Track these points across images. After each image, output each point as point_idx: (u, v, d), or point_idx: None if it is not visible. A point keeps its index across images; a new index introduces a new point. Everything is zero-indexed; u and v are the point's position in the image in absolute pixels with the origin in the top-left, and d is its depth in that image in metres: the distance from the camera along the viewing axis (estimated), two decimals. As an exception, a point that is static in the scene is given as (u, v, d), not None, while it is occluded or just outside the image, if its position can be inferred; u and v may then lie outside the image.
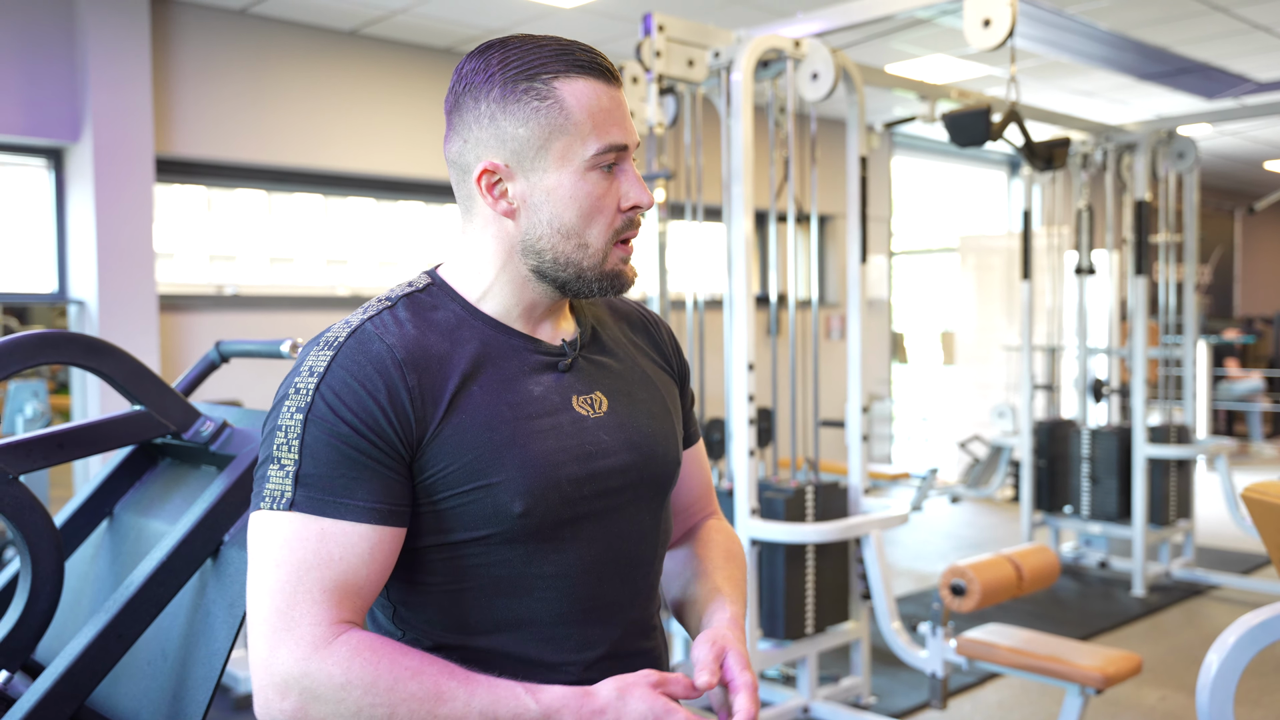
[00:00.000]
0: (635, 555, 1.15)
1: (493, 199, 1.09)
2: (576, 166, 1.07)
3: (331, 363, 1.03)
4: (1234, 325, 11.48)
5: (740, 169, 3.45)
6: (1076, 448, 5.61)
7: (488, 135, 1.07)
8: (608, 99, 1.08)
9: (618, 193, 1.10)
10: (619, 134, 1.08)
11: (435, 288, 1.13)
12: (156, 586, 1.40)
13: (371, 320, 1.07)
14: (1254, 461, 9.54)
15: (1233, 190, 12.67)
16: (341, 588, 0.99)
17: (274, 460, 1.01)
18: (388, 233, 6.26)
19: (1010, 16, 3.11)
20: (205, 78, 5.11)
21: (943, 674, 3.20)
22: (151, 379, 1.59)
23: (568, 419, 1.10)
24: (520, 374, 1.10)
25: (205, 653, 1.39)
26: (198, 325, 5.15)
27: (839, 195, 7.11)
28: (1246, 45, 6.27)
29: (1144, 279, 5.29)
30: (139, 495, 1.73)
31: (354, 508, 1.00)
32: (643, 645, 1.16)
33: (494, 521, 1.05)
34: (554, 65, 1.06)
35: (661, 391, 1.23)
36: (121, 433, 1.59)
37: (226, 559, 1.45)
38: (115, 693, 1.52)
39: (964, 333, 8.59)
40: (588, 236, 1.09)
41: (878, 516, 3.57)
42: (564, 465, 1.08)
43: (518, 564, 1.07)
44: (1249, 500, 2.08)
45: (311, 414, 1.01)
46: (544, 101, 1.06)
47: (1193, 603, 5.17)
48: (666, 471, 1.19)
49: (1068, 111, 7.05)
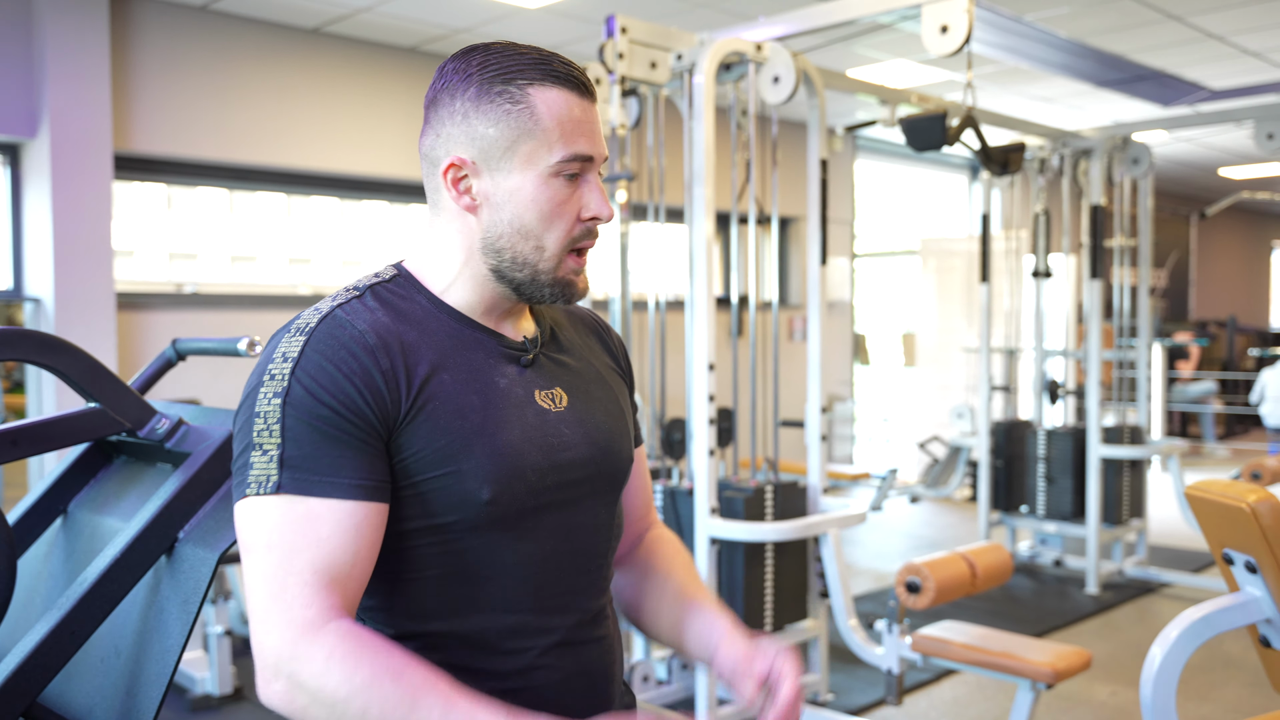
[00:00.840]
0: (591, 547, 1.18)
1: (457, 193, 1.12)
2: (540, 171, 1.10)
3: (305, 347, 1.06)
4: (1188, 329, 11.68)
5: (702, 171, 3.48)
6: (1033, 448, 5.69)
7: (459, 132, 1.11)
8: (579, 110, 1.11)
9: (579, 202, 1.13)
10: (585, 145, 1.12)
11: (402, 279, 1.17)
12: (110, 584, 1.40)
13: (342, 307, 1.11)
14: (1207, 462, 9.72)
15: (1188, 196, 12.89)
16: (331, 570, 1.01)
17: (255, 447, 1.03)
18: (351, 232, 6.23)
19: (967, 23, 3.16)
20: (166, 74, 5.07)
21: (898, 670, 3.24)
22: (107, 376, 1.58)
23: (531, 412, 1.14)
24: (486, 365, 1.13)
25: (158, 650, 1.39)
26: (156, 324, 5.10)
27: (800, 197, 7.17)
28: (1201, 54, 6.39)
29: (1099, 282, 5.38)
30: (94, 493, 1.73)
31: (339, 485, 1.02)
32: (595, 634, 1.19)
33: (461, 508, 1.07)
34: (531, 73, 1.10)
35: (615, 391, 1.27)
36: (77, 430, 1.58)
37: (181, 556, 1.45)
38: (68, 690, 1.52)
39: (925, 334, 8.68)
40: (545, 239, 1.12)
41: (836, 516, 3.61)
42: (529, 455, 1.11)
43: (481, 551, 1.10)
44: (1191, 498, 2.14)
45: (289, 398, 1.03)
46: (516, 105, 1.09)
47: (1145, 600, 5.26)
48: (621, 467, 1.22)
49: (1026, 117, 7.15)
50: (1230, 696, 3.89)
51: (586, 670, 1.17)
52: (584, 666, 1.17)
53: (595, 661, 1.19)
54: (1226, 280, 14.44)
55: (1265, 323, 15.49)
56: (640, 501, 1.37)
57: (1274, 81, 7.13)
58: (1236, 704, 3.82)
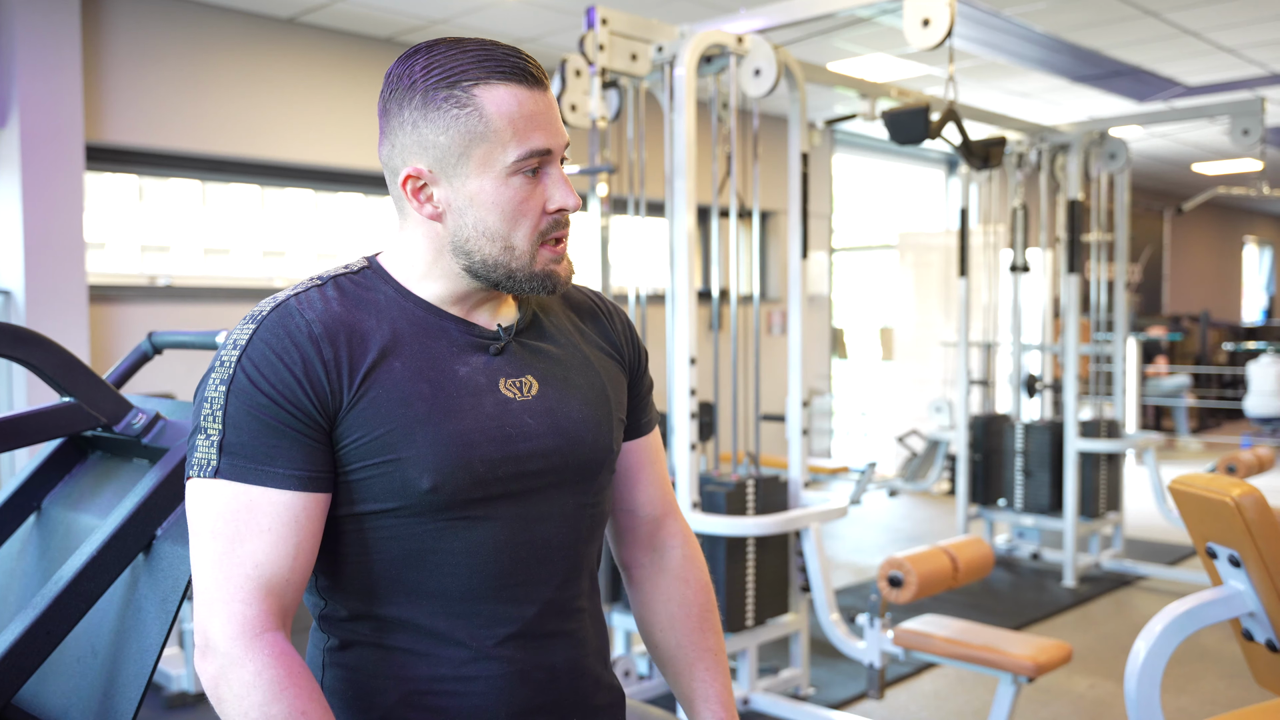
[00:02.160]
0: (554, 537, 1.16)
1: (419, 203, 1.11)
2: (498, 173, 1.09)
3: (253, 335, 1.07)
4: (1162, 323, 11.78)
5: (683, 164, 3.46)
6: (1010, 442, 5.72)
7: (411, 142, 1.09)
8: (530, 104, 1.09)
9: (543, 196, 1.11)
10: (541, 139, 1.09)
11: (370, 271, 1.16)
12: (86, 582, 1.37)
13: (297, 296, 1.10)
14: (1181, 455, 9.80)
15: (1162, 191, 12.99)
16: (273, 563, 1.03)
17: (201, 430, 1.05)
18: (326, 224, 6.17)
19: (949, 17, 3.16)
20: (138, 63, 5.00)
21: (880, 664, 3.24)
22: (82, 370, 1.55)
23: (491, 400, 1.12)
24: (447, 354, 1.12)
25: (136, 649, 1.37)
26: (129, 316, 5.04)
27: (780, 191, 7.17)
28: (1177, 49, 6.43)
29: (1076, 277, 5.40)
30: (68, 489, 1.69)
31: (277, 475, 1.04)
32: (562, 626, 1.17)
33: (401, 495, 1.07)
34: (475, 72, 1.07)
35: (603, 379, 1.24)
36: (51, 425, 1.55)
37: (159, 554, 1.42)
38: (43, 691, 1.49)
39: (902, 328, 8.70)
40: (513, 240, 1.11)
41: (817, 509, 3.61)
42: (478, 445, 1.09)
43: (427, 539, 1.09)
44: (1175, 492, 2.14)
45: (233, 386, 1.04)
46: (463, 109, 1.07)
47: (1121, 593, 5.30)
48: (594, 458, 1.19)
49: (1003, 111, 7.18)
50: (1207, 689, 3.92)
51: (548, 664, 1.15)
52: (546, 660, 1.15)
53: (560, 655, 1.17)
54: (1199, 275, 14.57)
55: (1237, 317, 15.66)
56: (651, 493, 1.33)
57: (1248, 78, 7.18)
58: (1213, 696, 3.85)
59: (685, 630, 1.32)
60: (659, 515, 1.35)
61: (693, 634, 1.32)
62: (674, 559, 1.34)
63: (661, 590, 1.33)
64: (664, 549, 1.35)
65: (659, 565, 1.34)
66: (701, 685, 1.30)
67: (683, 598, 1.33)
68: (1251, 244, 16.40)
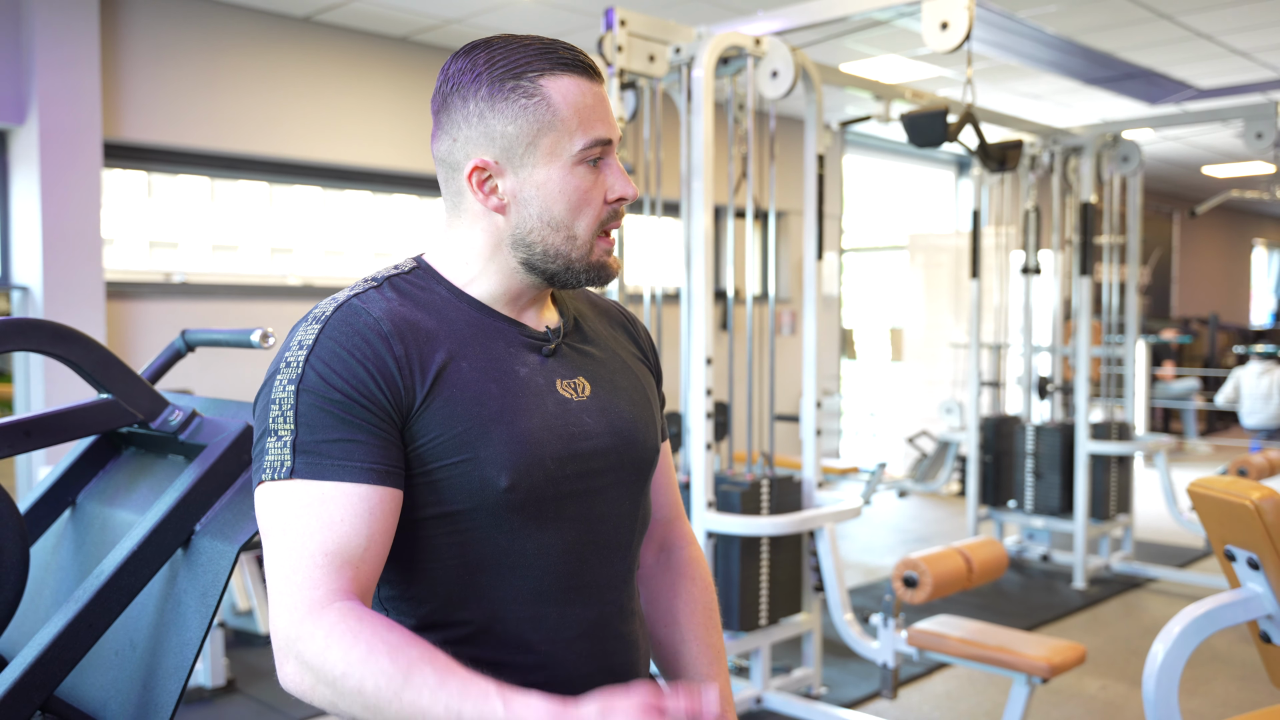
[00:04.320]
0: (614, 538, 1.17)
1: (484, 195, 1.12)
2: (564, 161, 1.10)
3: (320, 335, 1.06)
4: (1171, 325, 11.77)
5: (700, 165, 3.48)
6: (1021, 443, 5.72)
7: (477, 133, 1.10)
8: (591, 95, 1.11)
9: (604, 185, 1.13)
10: (603, 129, 1.12)
11: (422, 270, 1.16)
12: (127, 576, 1.39)
13: (358, 296, 1.11)
14: (1189, 458, 9.80)
15: (1171, 194, 12.97)
16: (342, 552, 1.00)
17: (271, 433, 1.04)
18: (335, 222, 6.19)
19: (968, 20, 3.17)
20: (156, 61, 5.03)
21: (894, 664, 3.26)
22: (119, 367, 1.57)
23: (552, 400, 1.13)
24: (506, 355, 1.13)
25: (177, 643, 1.39)
26: (145, 313, 5.06)
27: (793, 191, 7.19)
28: (1189, 52, 6.43)
29: (1088, 279, 5.41)
30: (103, 484, 1.71)
31: (351, 468, 1.02)
32: (621, 629, 1.18)
33: (479, 495, 1.07)
34: (539, 63, 1.09)
35: (641, 381, 1.26)
36: (89, 421, 1.57)
37: (198, 549, 1.44)
38: (81, 683, 1.51)
39: (912, 329, 8.71)
40: (576, 229, 1.12)
41: (831, 510, 3.63)
42: (548, 444, 1.10)
43: (501, 540, 1.09)
44: (1194, 494, 2.16)
45: (303, 385, 1.04)
46: (531, 99, 1.08)
47: (1131, 595, 5.30)
48: (646, 457, 1.21)
49: (1015, 113, 7.18)
50: (1219, 691, 3.93)
51: (610, 666, 1.16)
52: (608, 662, 1.16)
53: (619, 657, 1.18)
54: (1208, 278, 14.55)
55: (1245, 320, 15.63)
56: (665, 497, 1.36)
57: (1260, 81, 7.18)
58: (1225, 698, 3.86)
59: (690, 626, 1.33)
60: (669, 518, 1.37)
61: (697, 630, 1.33)
62: (681, 558, 1.37)
63: (668, 587, 1.35)
64: (672, 549, 1.37)
65: (667, 564, 1.36)
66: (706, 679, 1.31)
67: (689, 594, 1.34)
68: (1260, 247, 16.36)
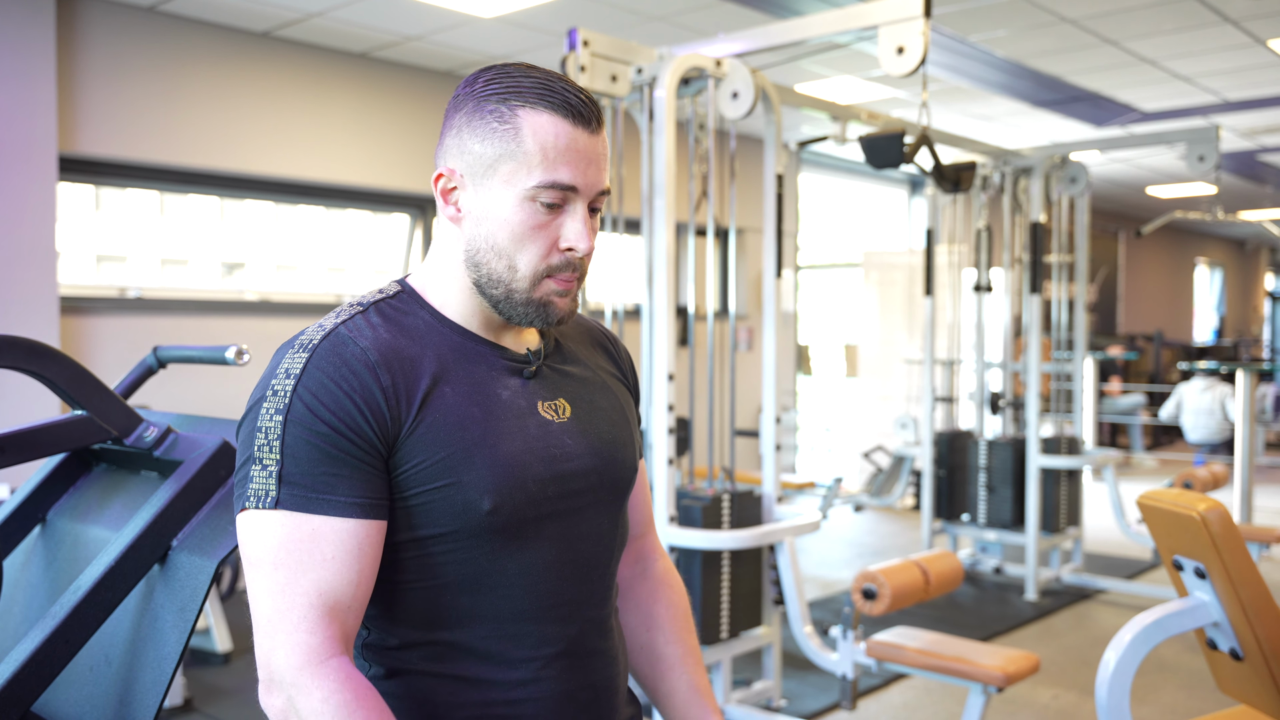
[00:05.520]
0: (594, 556, 1.20)
1: (445, 202, 1.16)
2: (517, 193, 1.11)
3: (307, 364, 1.07)
4: (1118, 342, 12.02)
5: (663, 183, 3.53)
6: (974, 458, 5.83)
7: (453, 144, 1.14)
8: (569, 139, 1.11)
9: (557, 230, 1.13)
10: (568, 174, 1.11)
11: (405, 295, 1.19)
12: (104, 591, 1.39)
13: (345, 324, 1.12)
14: (1136, 472, 10.01)
15: (1116, 213, 13.28)
16: (335, 593, 1.04)
17: (255, 460, 1.05)
18: (287, 237, 6.17)
19: (923, 45, 3.26)
20: (112, 75, 4.99)
21: (853, 676, 3.31)
22: (94, 383, 1.58)
23: (534, 423, 1.16)
24: (488, 378, 1.15)
25: (154, 658, 1.39)
26: (100, 329, 5.01)
27: (750, 210, 7.27)
28: (1134, 77, 6.61)
29: (1038, 297, 5.53)
30: (74, 501, 1.71)
31: (339, 504, 1.04)
32: (600, 645, 1.21)
33: (462, 518, 1.09)
34: (528, 95, 1.11)
35: (620, 401, 1.30)
36: (63, 437, 1.57)
37: (175, 564, 1.45)
38: (54, 699, 1.51)
39: (866, 346, 8.82)
40: (516, 260, 1.13)
41: (791, 524, 3.68)
42: (530, 466, 1.13)
43: (482, 561, 1.11)
44: (1144, 506, 2.23)
45: (290, 415, 1.05)
46: (503, 124, 1.11)
47: (1081, 606, 5.41)
48: (625, 476, 1.25)
49: (966, 134, 7.33)
50: (1167, 699, 4.03)
51: (591, 683, 1.19)
52: (589, 679, 1.19)
53: (599, 673, 1.20)
54: (1152, 296, 14.89)
55: (1189, 337, 16.00)
56: (642, 512, 1.40)
57: (1201, 104, 7.40)
58: (1173, 706, 3.95)
59: (670, 630, 1.38)
60: (643, 532, 1.42)
61: (678, 633, 1.38)
62: (657, 569, 1.42)
63: (647, 594, 1.40)
64: (647, 560, 1.42)
65: (644, 573, 1.41)
66: (690, 677, 1.36)
67: (668, 600, 1.40)
68: (1203, 265, 16.78)
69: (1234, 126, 8.18)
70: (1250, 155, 9.54)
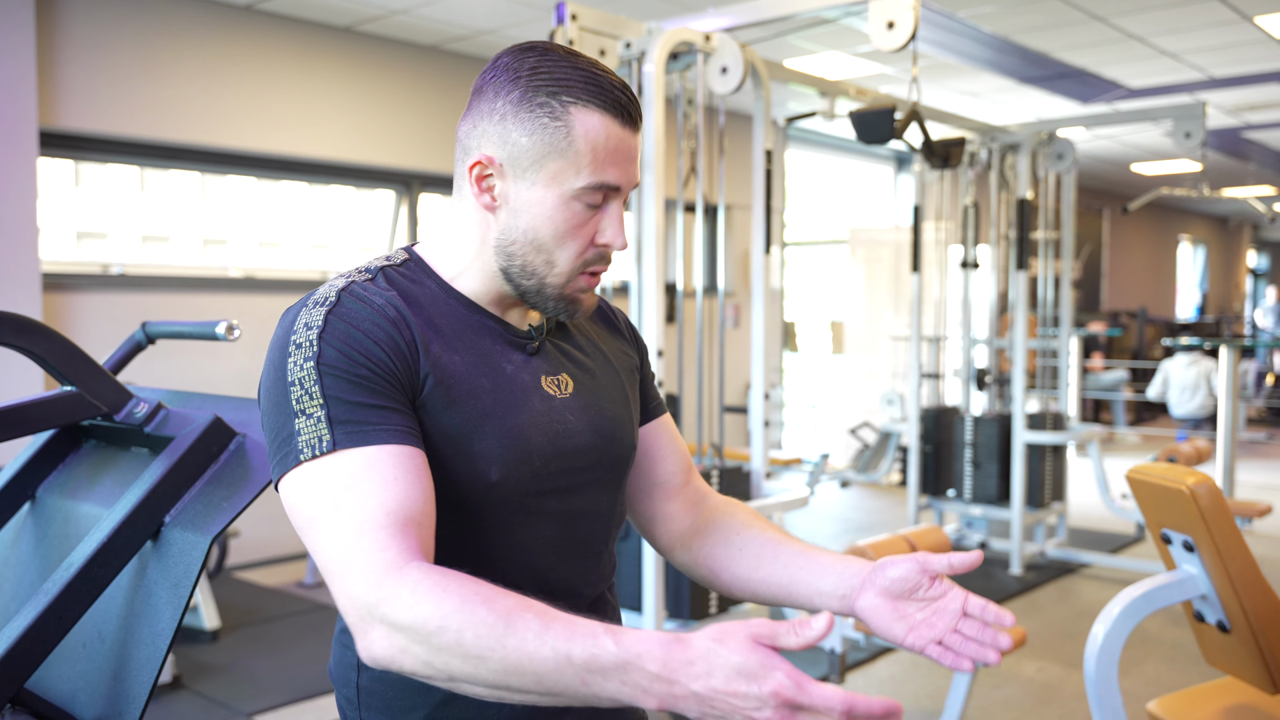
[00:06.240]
0: (591, 533, 1.20)
1: (479, 189, 1.12)
2: (563, 191, 1.10)
3: (329, 316, 1.06)
4: (1101, 319, 12.09)
5: (651, 159, 3.51)
6: (960, 434, 5.85)
7: (494, 130, 1.10)
8: (617, 139, 1.10)
9: (596, 227, 1.13)
10: (615, 175, 1.11)
11: (412, 263, 1.17)
12: (98, 567, 1.38)
13: (356, 284, 1.11)
14: (1119, 447, 10.08)
15: (1101, 190, 13.31)
16: (403, 510, 0.99)
17: (298, 414, 1.02)
18: (270, 213, 6.12)
19: (913, 20, 3.24)
20: (93, 49, 4.93)
21: (841, 650, 3.33)
22: (84, 359, 1.56)
23: (538, 398, 1.15)
24: (493, 351, 1.14)
25: (149, 634, 1.39)
26: (83, 305, 4.97)
27: (737, 186, 7.25)
28: (1121, 53, 6.61)
29: (1025, 274, 5.55)
30: (64, 477, 1.70)
31: (393, 431, 1.02)
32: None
33: (467, 487, 1.08)
34: (579, 91, 1.08)
35: (622, 378, 1.28)
36: (52, 414, 1.56)
37: (168, 540, 1.44)
38: (46, 676, 1.50)
39: (853, 322, 8.84)
40: (556, 256, 1.12)
41: (781, 499, 3.69)
42: (535, 441, 1.12)
43: (483, 532, 1.11)
44: (1133, 481, 2.24)
45: (323, 361, 1.03)
46: (554, 121, 1.08)
47: (1065, 580, 5.46)
48: (624, 455, 1.24)
49: (953, 110, 7.33)
50: (1150, 671, 4.07)
51: None
52: None
53: None
54: (1136, 273, 14.96)
55: (1172, 313, 16.10)
56: (678, 462, 1.35)
57: (1188, 81, 7.41)
58: (1156, 678, 4.00)
59: (768, 526, 1.28)
60: (687, 480, 1.36)
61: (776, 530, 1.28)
62: (716, 500, 1.36)
63: (723, 515, 1.32)
64: (703, 499, 1.36)
65: (708, 507, 1.34)
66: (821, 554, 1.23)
67: (745, 510, 1.32)
68: (1186, 242, 16.86)
69: (1219, 104, 8.20)
70: (1235, 132, 9.57)
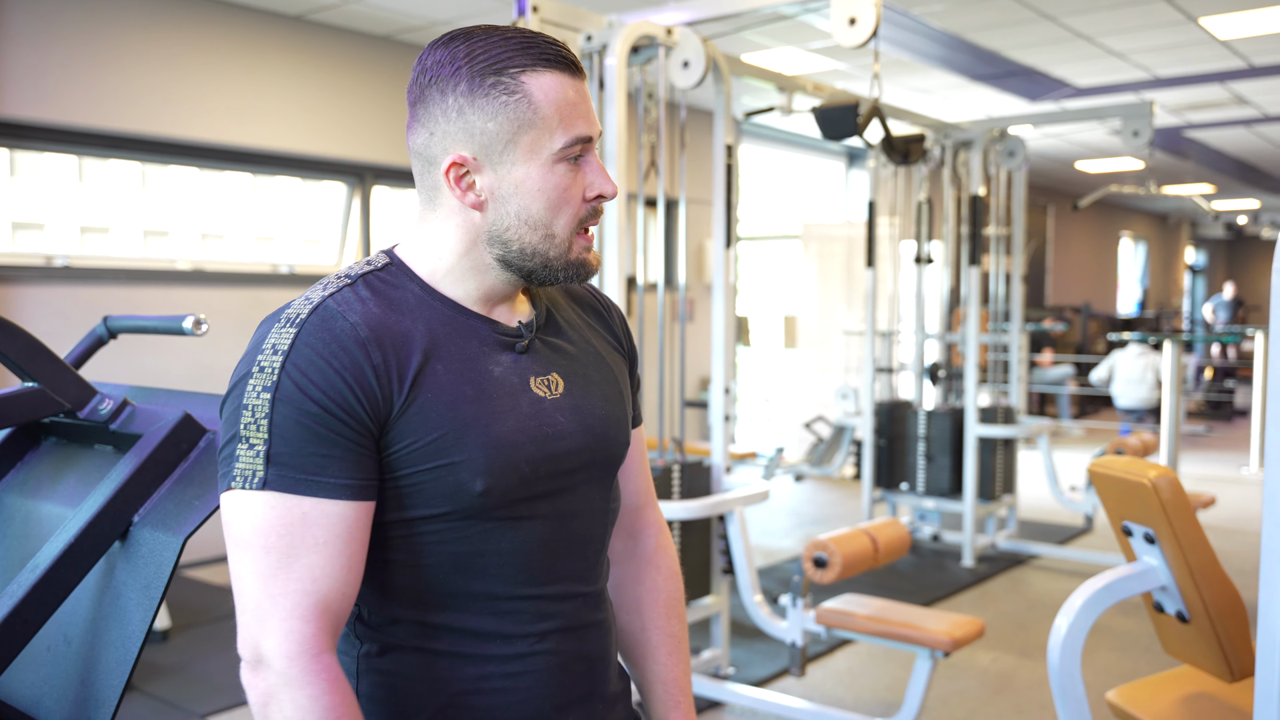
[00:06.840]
0: (587, 532, 1.19)
1: (460, 191, 1.10)
2: (544, 159, 1.09)
3: (295, 340, 1.03)
4: (1047, 314, 12.29)
5: (613, 153, 3.50)
6: (913, 428, 5.92)
7: (455, 128, 1.08)
8: (573, 91, 1.09)
9: (583, 183, 1.12)
10: (584, 126, 1.10)
11: (394, 267, 1.14)
12: (64, 569, 1.34)
13: (333, 297, 1.07)
14: (1064, 440, 10.26)
15: (1046, 187, 13.52)
16: (328, 580, 1.01)
17: (241, 439, 1.01)
18: (212, 204, 6.01)
19: (875, 16, 3.26)
20: (37, 37, 4.80)
21: (802, 643, 3.35)
22: (47, 355, 1.51)
23: (526, 400, 1.13)
24: (480, 354, 1.12)
25: (118, 637, 1.35)
26: (25, 298, 4.85)
27: (695, 181, 7.25)
28: (1070, 52, 6.72)
29: (977, 269, 5.62)
30: (23, 476, 1.65)
31: (329, 485, 1.01)
32: (594, 617, 1.20)
33: (454, 499, 1.07)
34: (521, 59, 1.07)
35: (614, 373, 1.26)
36: (12, 411, 1.51)
37: (137, 540, 1.41)
38: (10, 680, 1.46)
39: (806, 317, 8.89)
40: (554, 227, 1.11)
41: (741, 494, 3.70)
42: (522, 446, 1.10)
43: (475, 541, 1.09)
44: (1095, 474, 2.28)
45: (279, 393, 1.01)
46: (512, 95, 1.07)
47: (1016, 571, 5.55)
48: (617, 452, 1.22)
49: (905, 107, 7.39)
50: (1100, 661, 4.15)
51: (585, 654, 1.18)
52: (583, 650, 1.18)
53: (594, 645, 1.19)
54: (1080, 268, 15.23)
55: (1114, 309, 16.42)
56: (638, 483, 1.36)
57: (1133, 81, 7.55)
58: (1107, 667, 4.07)
59: (651, 615, 1.34)
60: (640, 505, 1.37)
61: (658, 619, 1.34)
62: (648, 546, 1.37)
63: (632, 574, 1.36)
64: (640, 536, 1.37)
65: (633, 551, 1.37)
66: (663, 669, 1.33)
67: (652, 583, 1.36)
68: (1127, 238, 17.20)
69: (1163, 103, 8.36)
70: (1176, 131, 9.77)
